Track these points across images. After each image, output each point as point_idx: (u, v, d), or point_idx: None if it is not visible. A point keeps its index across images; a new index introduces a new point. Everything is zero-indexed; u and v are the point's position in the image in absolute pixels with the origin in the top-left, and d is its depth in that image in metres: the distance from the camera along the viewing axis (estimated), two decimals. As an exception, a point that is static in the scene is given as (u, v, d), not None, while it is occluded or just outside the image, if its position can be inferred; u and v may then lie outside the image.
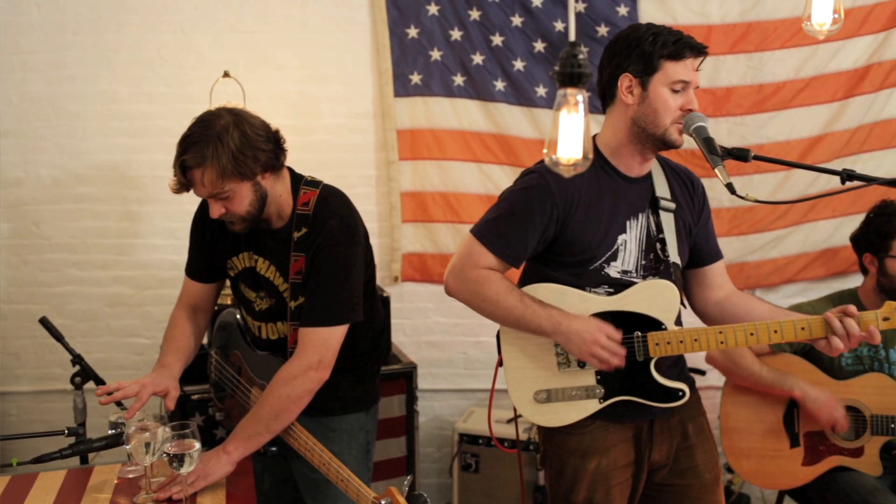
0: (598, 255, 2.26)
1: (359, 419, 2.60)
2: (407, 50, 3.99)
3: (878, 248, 3.18)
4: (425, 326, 4.23)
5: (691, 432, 2.41)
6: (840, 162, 4.15)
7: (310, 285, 2.37)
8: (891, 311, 2.16)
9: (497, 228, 2.25)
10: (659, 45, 2.17)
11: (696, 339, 2.22)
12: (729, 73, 4.06)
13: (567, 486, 2.34)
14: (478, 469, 3.85)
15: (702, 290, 2.49)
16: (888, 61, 4.09)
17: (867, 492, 2.97)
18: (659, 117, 2.20)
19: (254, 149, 2.26)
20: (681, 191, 2.40)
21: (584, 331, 2.16)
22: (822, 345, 2.18)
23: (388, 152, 4.05)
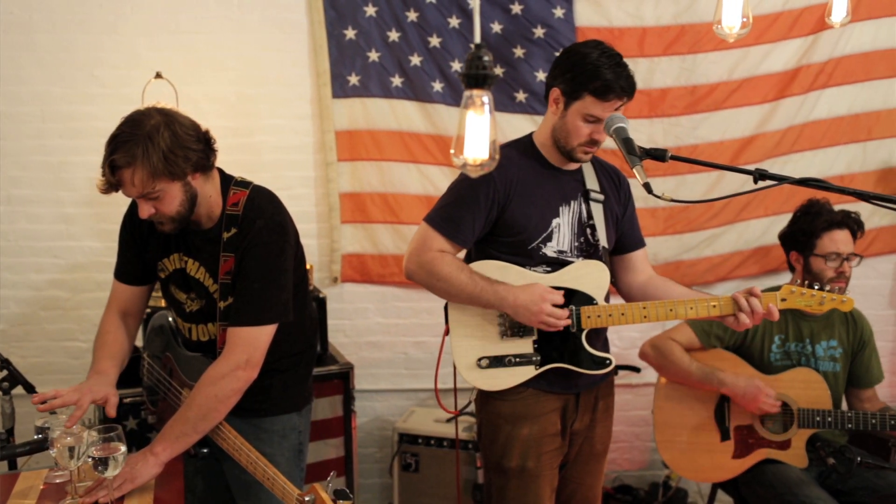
0: (534, 236, 2.49)
1: (291, 420, 2.60)
2: (345, 51, 3.99)
3: (803, 246, 3.26)
4: (365, 327, 4.23)
5: (600, 408, 2.69)
6: (772, 162, 4.24)
7: (238, 285, 2.37)
8: (788, 293, 2.47)
9: (447, 214, 2.49)
10: (588, 78, 2.37)
11: (623, 313, 2.48)
12: (663, 74, 4.12)
13: (500, 452, 2.57)
14: (418, 468, 3.87)
15: (626, 273, 2.75)
16: (816, 64, 4.19)
17: (793, 483, 3.05)
18: (568, 139, 2.46)
19: (184, 149, 2.25)
20: (609, 185, 2.65)
21: (531, 302, 2.39)
22: (731, 321, 2.45)
23: (326, 153, 4.05)
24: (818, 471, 3.22)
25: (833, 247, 3.18)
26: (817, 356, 3.29)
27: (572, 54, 2.43)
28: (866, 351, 3.33)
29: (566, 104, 2.44)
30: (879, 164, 4.37)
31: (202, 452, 2.42)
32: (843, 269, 3.19)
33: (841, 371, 3.31)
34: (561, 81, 2.43)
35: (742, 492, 3.28)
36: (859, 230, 3.25)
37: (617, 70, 2.36)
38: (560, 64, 2.46)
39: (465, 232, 2.48)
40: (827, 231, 3.20)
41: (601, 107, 2.37)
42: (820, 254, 3.19)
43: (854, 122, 4.30)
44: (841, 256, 3.18)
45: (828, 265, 3.18)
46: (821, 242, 3.20)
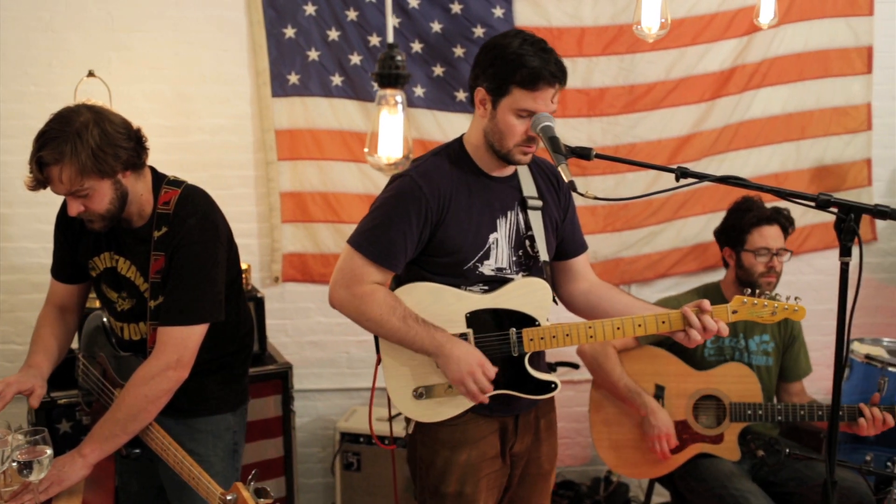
0: (470, 255, 2.31)
1: (225, 420, 2.59)
2: (284, 50, 3.97)
3: (735, 241, 3.32)
4: (307, 326, 4.22)
5: (542, 427, 2.55)
6: (709, 160, 4.32)
7: (169, 284, 2.36)
8: (739, 305, 2.35)
9: (374, 237, 2.26)
10: (512, 69, 2.17)
11: (568, 333, 2.33)
12: (602, 74, 4.17)
13: (437, 477, 2.39)
14: (359, 467, 3.87)
15: (568, 281, 2.60)
16: (751, 64, 4.27)
17: (724, 477, 3.11)
18: (502, 140, 2.25)
19: (114, 146, 2.24)
20: (547, 188, 2.47)
21: (464, 361, 2.23)
22: (681, 337, 2.32)
23: (266, 153, 4.03)
24: (750, 463, 3.29)
25: (763, 242, 3.25)
26: (750, 351, 3.35)
27: (492, 48, 2.24)
28: (795, 345, 3.41)
29: (494, 103, 2.23)
30: (813, 163, 4.47)
31: (134, 453, 2.42)
32: (772, 263, 3.25)
33: (773, 365, 3.38)
34: (484, 79, 2.24)
35: (678, 485, 3.33)
36: (790, 226, 3.32)
37: (543, 56, 2.17)
38: (481, 61, 2.26)
39: (397, 256, 2.26)
40: (756, 227, 3.26)
41: (532, 98, 2.17)
42: (750, 249, 3.26)
43: (788, 122, 4.39)
44: (770, 252, 3.25)
45: (758, 260, 3.25)
46: (751, 238, 3.26)
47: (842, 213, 1.90)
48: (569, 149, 2.10)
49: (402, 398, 2.35)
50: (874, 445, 3.36)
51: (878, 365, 3.47)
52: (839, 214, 1.90)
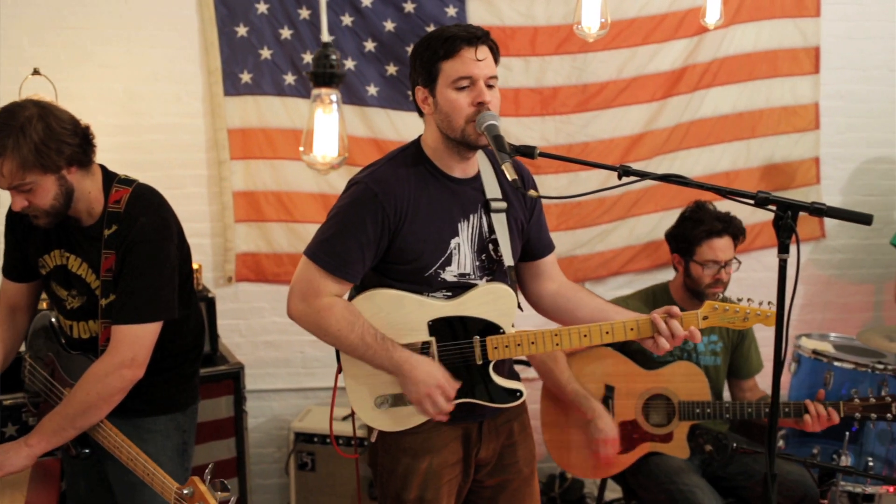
0: (431, 262, 2.25)
1: (175, 420, 2.59)
2: (236, 48, 3.95)
3: (684, 251, 3.34)
4: (261, 326, 4.20)
5: (516, 430, 2.49)
6: (661, 159, 4.36)
7: (121, 282, 2.36)
8: (710, 311, 2.32)
9: (331, 248, 2.20)
10: (431, 50, 2.17)
11: (534, 341, 2.29)
12: (555, 73, 4.20)
13: (399, 484, 2.36)
14: (314, 467, 3.86)
15: (535, 282, 2.54)
16: (701, 64, 4.32)
17: (673, 472, 3.15)
18: (452, 121, 2.18)
19: (58, 142, 2.24)
20: (512, 189, 2.38)
21: (423, 382, 2.19)
22: (650, 344, 2.29)
23: (219, 152, 4.00)
24: (700, 459, 3.33)
25: (712, 255, 3.25)
26: (698, 351, 3.39)
27: (413, 51, 2.27)
28: (745, 343, 3.45)
29: (432, 91, 2.20)
30: (763, 161, 4.54)
31: (84, 453, 2.42)
32: (719, 276, 3.27)
33: (721, 364, 3.43)
34: (417, 76, 2.24)
35: (629, 483, 3.37)
36: (740, 234, 3.33)
37: (458, 27, 2.19)
38: (410, 66, 2.29)
39: (354, 267, 2.20)
40: (707, 240, 3.25)
41: (461, 64, 2.14)
42: (699, 261, 3.27)
43: (738, 121, 4.45)
44: (719, 264, 3.26)
45: (705, 272, 3.26)
46: (700, 250, 3.26)
47: (779, 211, 1.93)
48: (513, 147, 2.10)
49: (363, 407, 2.31)
50: (821, 439, 3.42)
51: (825, 360, 3.54)
52: (777, 212, 1.93)
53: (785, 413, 3.17)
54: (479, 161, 2.36)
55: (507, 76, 4.15)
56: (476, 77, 2.16)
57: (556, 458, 3.33)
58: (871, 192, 4.74)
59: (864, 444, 3.44)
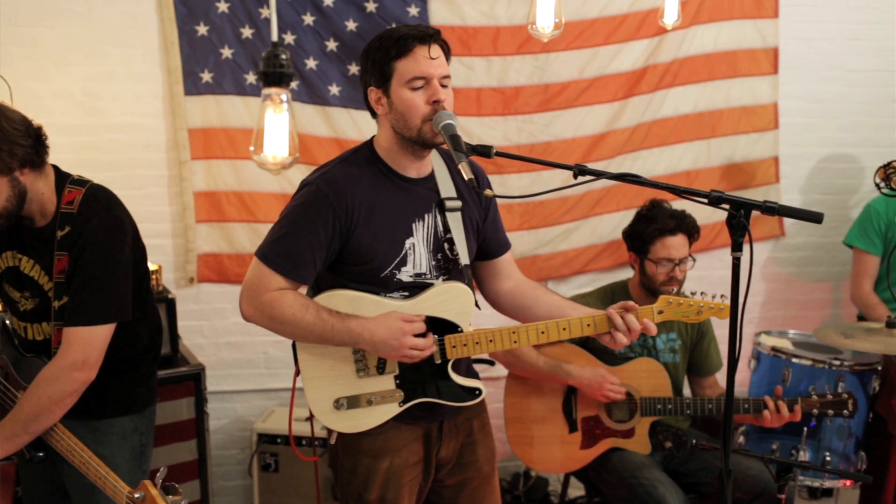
0: (386, 262, 2.25)
1: (132, 421, 2.57)
2: (197, 47, 3.92)
3: (638, 249, 3.37)
4: (224, 327, 4.18)
5: (475, 428, 2.51)
6: (622, 158, 4.39)
7: (73, 284, 2.34)
8: (665, 305, 2.34)
9: (282, 248, 2.19)
10: (384, 49, 2.17)
11: (492, 339, 2.30)
12: (517, 73, 4.21)
13: (360, 485, 2.36)
14: (278, 468, 3.84)
15: (493, 280, 2.55)
16: (662, 64, 4.36)
17: (635, 468, 3.17)
18: (408, 120, 2.18)
19: (10, 143, 2.22)
20: (466, 187, 2.39)
21: (391, 337, 2.18)
22: (607, 339, 2.30)
23: (179, 152, 3.97)
24: (662, 455, 3.36)
25: (665, 253, 3.28)
26: (658, 349, 3.42)
27: (364, 52, 2.26)
28: (705, 341, 3.49)
29: (386, 92, 2.20)
30: (723, 161, 4.58)
31: (38, 456, 2.40)
32: (674, 273, 3.30)
33: (680, 362, 3.46)
34: (369, 77, 2.23)
35: (592, 478, 3.39)
36: (695, 232, 3.35)
37: (409, 26, 2.20)
38: (362, 67, 2.28)
39: (306, 267, 2.20)
40: (660, 237, 3.28)
41: (414, 63, 2.15)
42: (653, 259, 3.30)
43: (699, 120, 4.49)
44: (673, 262, 3.29)
45: (659, 270, 3.29)
46: (654, 248, 3.29)
47: (732, 210, 1.95)
48: (469, 147, 2.10)
49: (322, 409, 2.30)
50: (780, 435, 3.46)
51: (783, 357, 3.58)
52: (730, 211, 1.95)
53: (744, 409, 3.21)
54: (433, 160, 2.36)
55: (469, 76, 4.16)
56: (430, 76, 2.17)
57: (519, 454, 3.35)
58: (829, 190, 4.80)
59: (823, 439, 3.49)
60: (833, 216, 4.80)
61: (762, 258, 4.80)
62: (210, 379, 4.04)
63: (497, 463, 4.46)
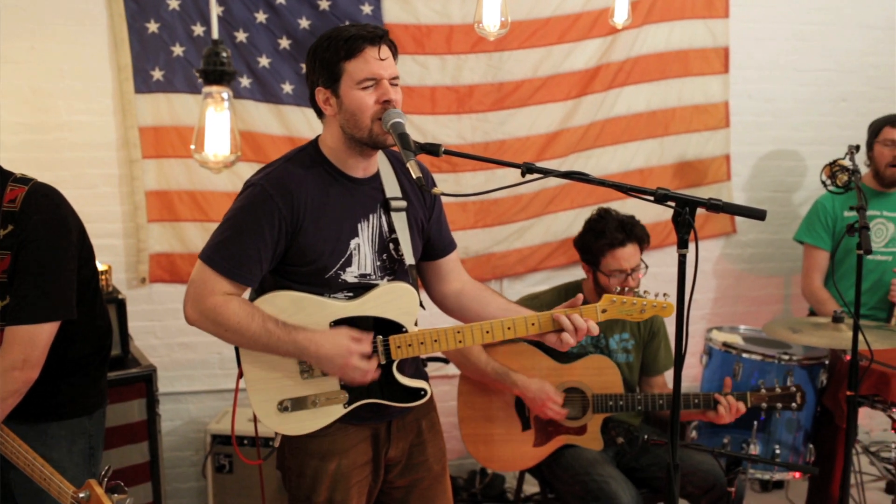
0: (331, 263, 2.24)
1: (80, 424, 2.54)
2: (147, 45, 3.87)
3: (590, 262, 3.38)
4: (177, 328, 4.13)
5: (424, 428, 2.50)
6: (576, 156, 4.43)
7: (15, 282, 2.30)
8: (608, 304, 2.34)
9: (226, 251, 2.16)
10: (333, 50, 2.16)
11: (436, 339, 2.29)
12: (471, 71, 4.22)
13: (308, 487, 2.35)
14: (232, 469, 3.81)
15: (438, 282, 2.55)
16: (615, 63, 4.40)
17: (588, 464, 3.19)
18: (359, 120, 2.17)
19: None
20: (411, 187, 2.38)
21: (337, 355, 2.17)
22: (552, 339, 2.30)
23: (130, 150, 3.92)
24: (615, 451, 3.39)
25: (617, 265, 3.27)
26: (611, 349, 3.44)
27: (312, 50, 2.23)
28: (656, 340, 3.51)
29: (335, 93, 2.19)
30: (675, 159, 4.64)
31: (-19, 460, 2.35)
32: (627, 283, 3.28)
33: (634, 361, 3.49)
34: (317, 77, 2.21)
35: (545, 475, 3.41)
36: (646, 238, 3.35)
37: (357, 26, 2.18)
38: (308, 66, 2.25)
39: (251, 270, 2.17)
40: (610, 251, 3.26)
41: (364, 63, 2.14)
42: (605, 272, 3.30)
43: (651, 119, 4.54)
44: (625, 272, 3.28)
45: (612, 281, 3.28)
46: (605, 261, 3.28)
47: (678, 207, 1.97)
48: (418, 145, 2.11)
49: (266, 412, 2.28)
50: (732, 429, 3.51)
51: (734, 352, 3.64)
52: (676, 208, 1.97)
53: (694, 404, 3.25)
54: (379, 160, 2.36)
55: (423, 74, 4.16)
56: (380, 76, 2.16)
57: (473, 452, 3.35)
58: (779, 188, 4.89)
59: (773, 432, 3.55)
60: (783, 213, 4.89)
61: (714, 255, 4.86)
62: (163, 380, 4.00)
63: (454, 460, 4.53)
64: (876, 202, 4.19)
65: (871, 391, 3.57)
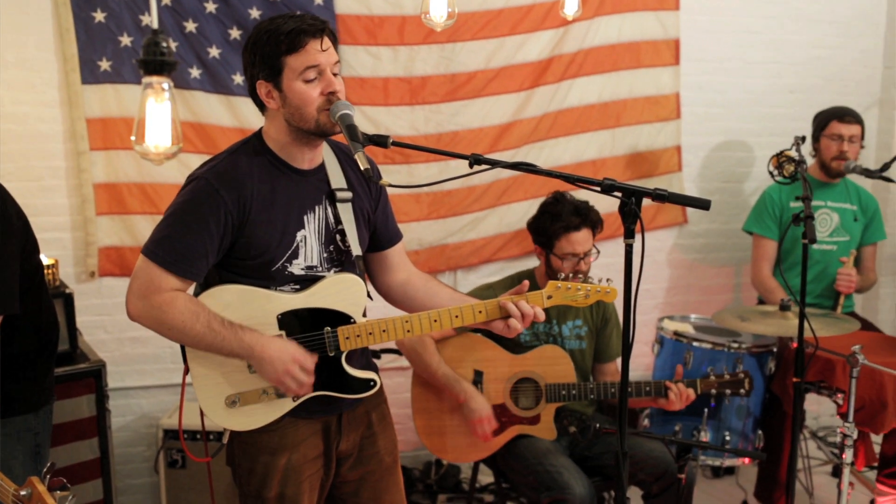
0: (278, 255, 2.23)
1: (26, 422, 2.50)
2: (94, 35, 3.80)
3: (543, 244, 3.41)
4: (127, 322, 3.91)
5: (375, 420, 2.49)
6: (529, 147, 4.44)
7: None
8: (553, 290, 2.38)
9: (171, 246, 2.13)
10: (274, 44, 2.13)
11: (385, 329, 2.30)
12: (424, 62, 4.21)
13: (259, 482, 2.33)
14: (185, 465, 3.78)
15: (384, 273, 2.55)
16: (567, 54, 4.42)
17: (541, 454, 3.22)
18: (304, 113, 2.16)
19: None
20: (357, 178, 2.38)
21: (279, 360, 2.16)
22: (500, 327, 2.33)
23: (77, 142, 3.84)
24: (568, 440, 3.42)
25: (570, 248, 3.32)
26: (563, 336, 3.47)
27: (250, 44, 2.19)
28: (608, 327, 3.55)
29: (277, 86, 2.17)
30: (627, 150, 4.68)
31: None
32: (579, 267, 3.34)
33: (587, 348, 3.52)
34: (258, 71, 2.18)
35: (500, 465, 3.43)
36: (599, 223, 3.40)
37: (295, 18, 2.15)
38: (247, 60, 2.21)
39: (197, 265, 2.14)
40: (565, 234, 3.31)
41: (306, 57, 2.12)
42: (558, 254, 3.34)
43: (603, 110, 4.57)
44: (578, 256, 3.33)
45: (565, 264, 3.33)
46: (559, 244, 3.33)
47: (624, 197, 1.99)
48: (366, 137, 2.10)
49: (213, 408, 2.26)
50: (683, 416, 3.57)
51: (685, 341, 3.69)
52: (622, 198, 1.99)
53: (646, 392, 3.29)
54: (324, 152, 2.35)
55: (375, 65, 4.14)
56: (323, 67, 2.15)
57: (427, 444, 3.37)
58: (729, 178, 4.96)
59: (723, 419, 3.62)
60: (733, 203, 4.95)
61: (667, 245, 4.92)
62: (114, 375, 3.96)
63: (409, 452, 4.53)
64: (821, 193, 4.27)
65: (817, 377, 3.64)
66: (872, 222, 4.37)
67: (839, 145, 4.18)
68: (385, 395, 2.57)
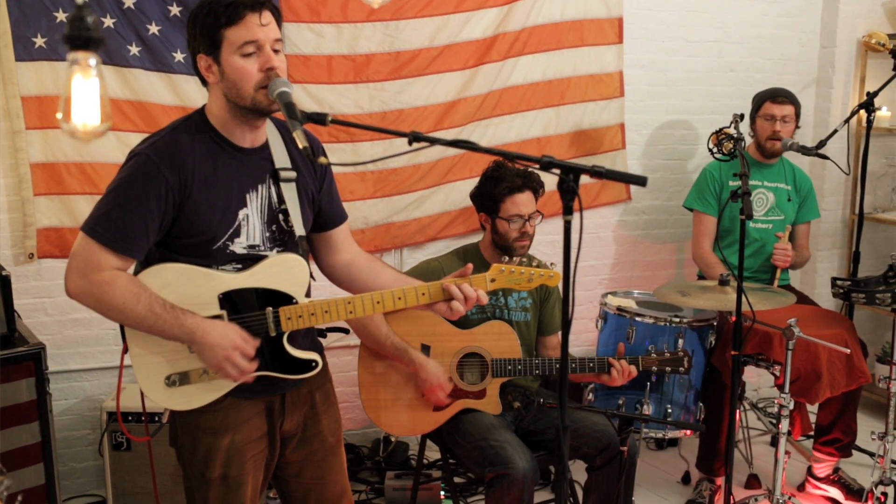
0: (219, 234, 2.21)
1: None
2: (28, 10, 3.70)
3: (489, 209, 3.45)
4: (68, 304, 3.93)
5: (318, 400, 2.50)
6: (474, 125, 4.45)
7: None
8: (497, 273, 2.41)
9: (111, 223, 2.10)
10: (213, 16, 2.12)
11: (327, 310, 2.29)
12: (367, 40, 4.18)
13: (201, 463, 2.32)
14: (129, 447, 3.74)
15: (328, 253, 2.55)
16: (512, 32, 4.42)
17: (485, 429, 3.25)
18: (241, 89, 2.14)
19: None
20: (301, 158, 2.36)
21: (219, 346, 2.15)
22: (443, 309, 2.34)
23: (12, 121, 3.75)
24: (513, 415, 3.46)
25: (515, 210, 3.37)
26: (510, 307, 3.51)
27: (191, 18, 2.19)
28: (551, 300, 3.60)
29: (216, 60, 2.15)
30: (571, 128, 4.71)
31: None
32: (525, 229, 3.40)
33: (532, 320, 3.56)
34: (198, 45, 2.17)
35: (445, 440, 3.46)
36: (540, 188, 3.47)
37: None
38: (189, 34, 2.21)
39: (138, 243, 2.12)
40: (509, 195, 3.37)
41: (244, 30, 2.11)
42: (504, 217, 3.38)
43: (548, 88, 4.59)
44: (523, 218, 3.38)
45: (511, 227, 3.38)
46: (504, 206, 3.38)
47: (563, 175, 2.00)
48: (305, 114, 2.08)
49: (153, 387, 2.24)
50: (626, 390, 3.62)
51: (627, 316, 3.75)
52: (560, 175, 2.01)
53: (590, 368, 3.34)
54: (268, 131, 2.33)
55: (319, 43, 4.10)
56: (262, 42, 2.13)
57: (373, 418, 3.37)
58: (671, 156, 5.02)
59: (666, 392, 3.68)
60: (676, 181, 5.02)
61: (611, 222, 4.97)
62: (55, 358, 3.89)
63: (357, 430, 4.54)
64: (757, 173, 4.35)
65: (755, 350, 3.73)
66: (806, 202, 4.47)
67: (772, 125, 4.27)
68: (330, 375, 2.57)
